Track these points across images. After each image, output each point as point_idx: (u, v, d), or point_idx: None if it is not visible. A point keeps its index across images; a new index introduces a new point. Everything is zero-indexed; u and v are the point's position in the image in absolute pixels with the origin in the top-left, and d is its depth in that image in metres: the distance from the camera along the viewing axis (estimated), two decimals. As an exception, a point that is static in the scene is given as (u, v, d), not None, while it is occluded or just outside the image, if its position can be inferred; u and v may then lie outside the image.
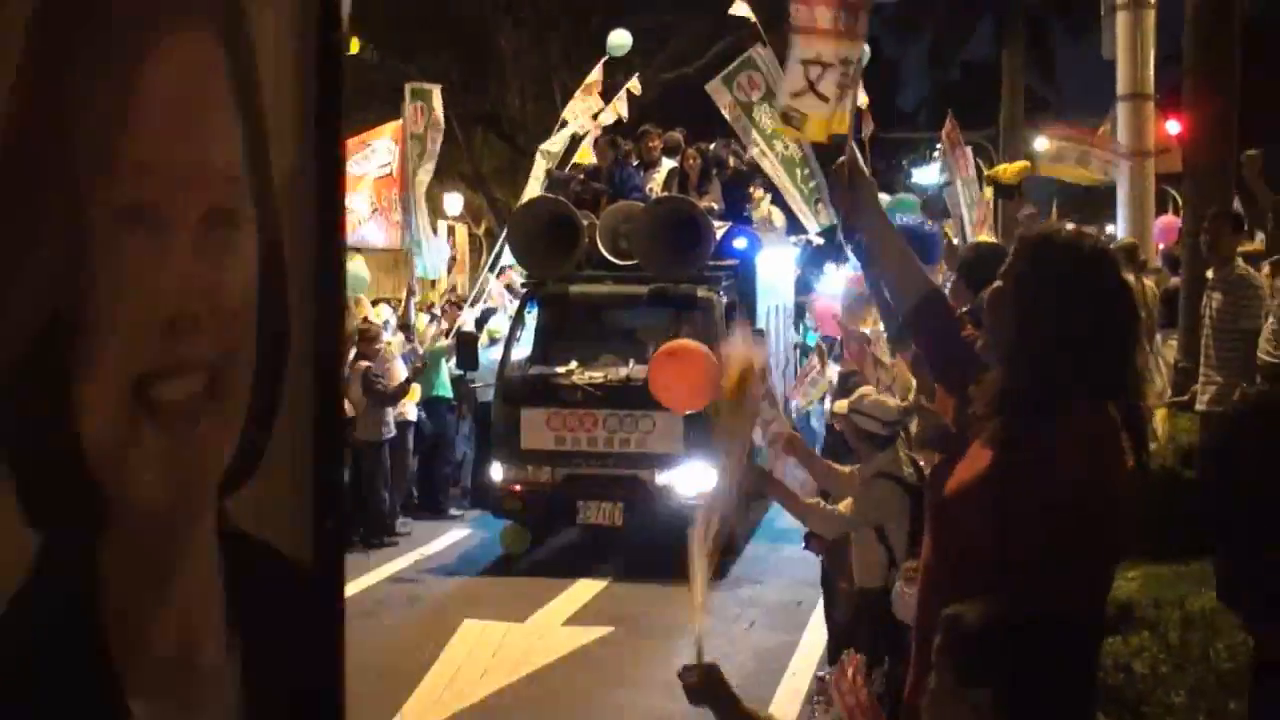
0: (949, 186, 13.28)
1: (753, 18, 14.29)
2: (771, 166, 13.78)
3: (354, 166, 14.20)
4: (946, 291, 5.34)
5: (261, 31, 1.31)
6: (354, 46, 20.49)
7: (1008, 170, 11.71)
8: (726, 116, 14.12)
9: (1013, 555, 2.62)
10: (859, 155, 3.77)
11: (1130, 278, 9.93)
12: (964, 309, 4.95)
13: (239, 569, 1.31)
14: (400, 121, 14.84)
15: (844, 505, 6.14)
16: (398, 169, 14.61)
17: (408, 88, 15.26)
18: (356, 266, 14.47)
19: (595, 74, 15.90)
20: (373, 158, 14.73)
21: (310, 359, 1.39)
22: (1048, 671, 2.57)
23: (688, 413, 9.23)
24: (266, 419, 1.34)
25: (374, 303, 16.41)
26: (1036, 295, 2.84)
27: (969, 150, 13.39)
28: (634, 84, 15.98)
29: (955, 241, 10.74)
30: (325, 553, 1.42)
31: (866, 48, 4.13)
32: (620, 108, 15.70)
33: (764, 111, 13.61)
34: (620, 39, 16.16)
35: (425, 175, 15.04)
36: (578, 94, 15.81)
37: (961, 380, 3.21)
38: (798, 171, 13.72)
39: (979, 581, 2.70)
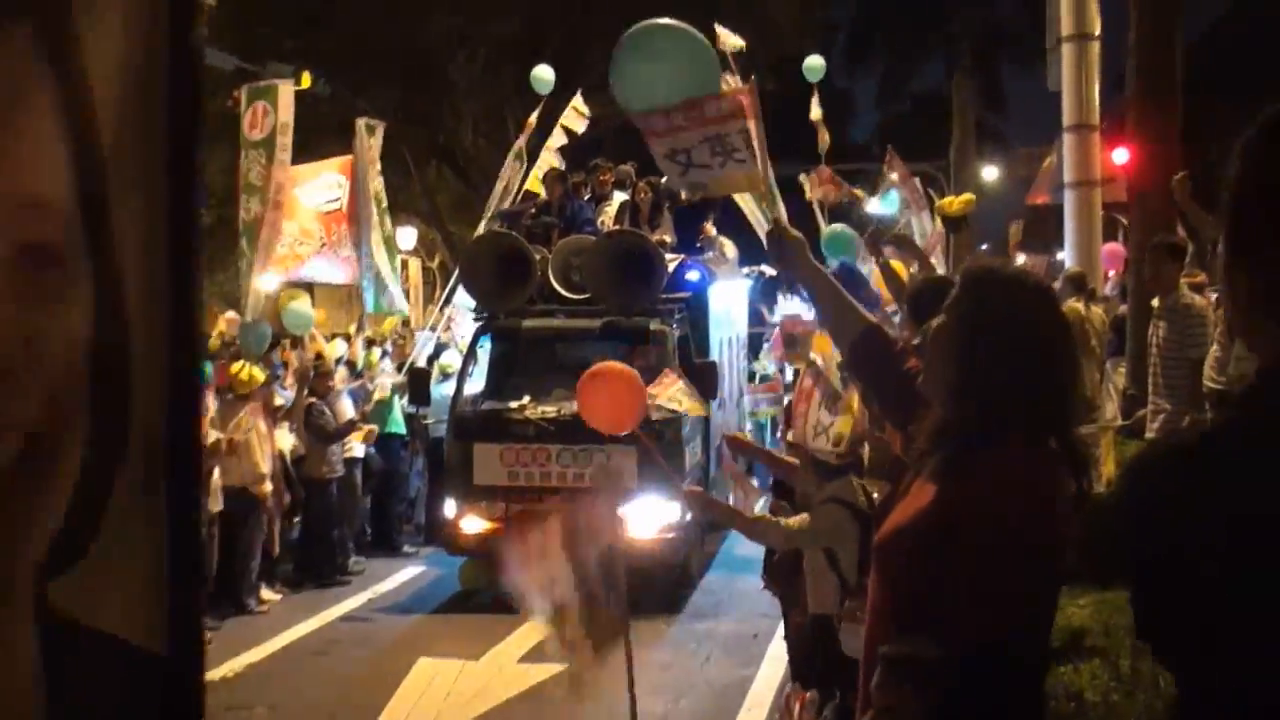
0: (910, 215, 13.38)
1: (741, 45, 14.42)
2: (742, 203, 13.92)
3: (303, 197, 14.12)
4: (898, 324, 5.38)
5: (96, 34, 1.13)
6: (305, 81, 20.39)
7: (953, 203, 11.77)
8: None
9: (951, 591, 2.61)
10: (784, 213, 3.93)
11: (1079, 306, 10.07)
12: (914, 342, 4.96)
13: (66, 662, 1.14)
14: (350, 156, 14.75)
15: (795, 520, 6.12)
16: (347, 204, 14.52)
17: (360, 123, 15.19)
18: (302, 305, 14.37)
19: (533, 118, 15.89)
20: (321, 191, 14.62)
21: (160, 422, 1.21)
22: (987, 707, 2.57)
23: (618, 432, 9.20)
24: (101, 492, 1.16)
25: (330, 338, 16.32)
26: (977, 331, 2.83)
27: (917, 180, 13.49)
28: (578, 102, 15.94)
29: (913, 271, 10.79)
30: (181, 638, 1.26)
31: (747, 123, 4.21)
32: (572, 124, 15.67)
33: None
34: (544, 73, 16.19)
35: (377, 208, 14.99)
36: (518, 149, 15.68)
37: (905, 416, 3.22)
38: (758, 200, 13.80)
39: (920, 618, 2.70)
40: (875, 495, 6.06)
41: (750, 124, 4.19)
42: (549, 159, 15.11)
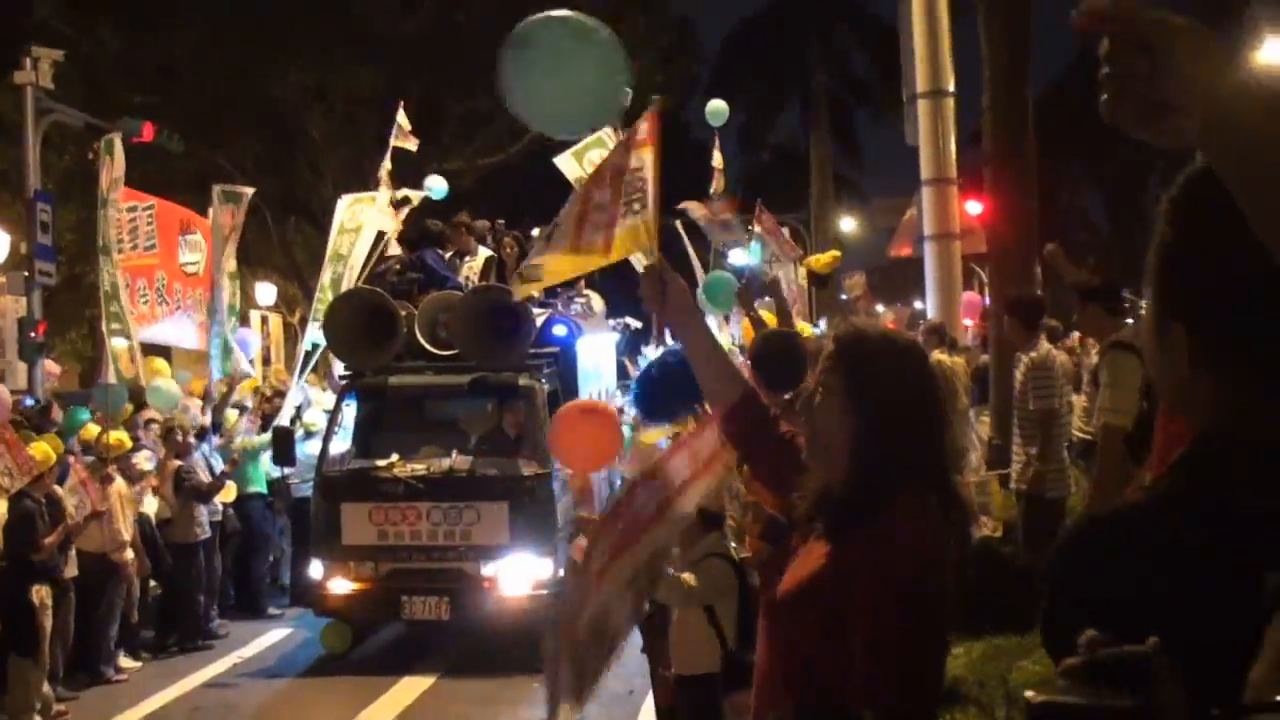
0: (779, 268, 13.56)
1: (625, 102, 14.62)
2: None
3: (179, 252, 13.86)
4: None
5: None
6: (146, 133, 20.01)
7: (820, 260, 12.03)
8: (575, 187, 14.43)
9: (847, 653, 2.61)
10: (661, 257, 3.74)
11: (943, 356, 10.26)
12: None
13: None
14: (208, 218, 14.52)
15: (688, 576, 6.04)
16: (204, 269, 14.27)
17: (217, 189, 14.92)
18: (167, 383, 14.08)
19: (384, 167, 15.72)
20: (186, 250, 14.35)
21: None
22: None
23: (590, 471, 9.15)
24: None
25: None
26: (857, 396, 2.86)
27: (786, 231, 13.70)
28: (402, 118, 15.79)
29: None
30: None
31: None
32: (403, 144, 15.56)
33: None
34: (438, 184, 16.14)
35: (229, 278, 14.78)
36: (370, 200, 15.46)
37: (784, 481, 3.20)
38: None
39: (813, 680, 2.70)
40: (740, 552, 6.06)
41: (649, 154, 4.09)
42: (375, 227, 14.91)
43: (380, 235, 14.47)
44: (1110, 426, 7.95)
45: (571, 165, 14.59)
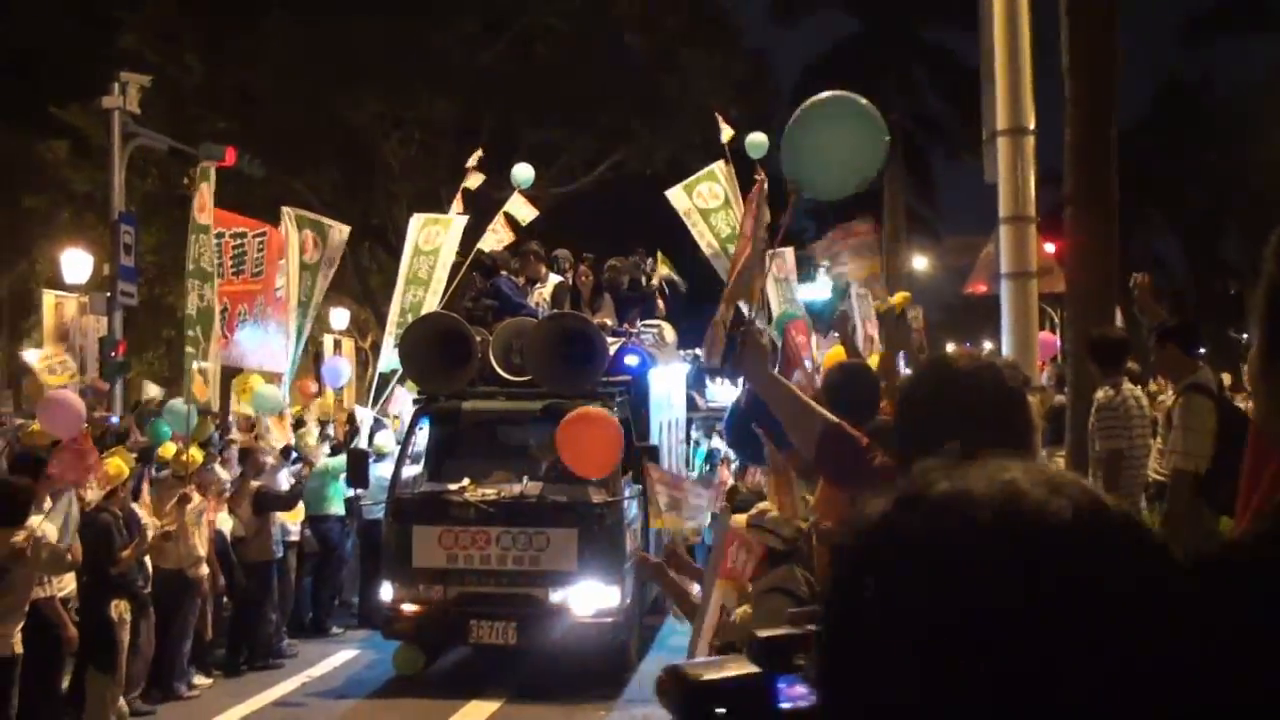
0: (849, 297, 13.53)
1: (731, 134, 14.87)
2: (724, 267, 14.14)
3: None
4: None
5: None
6: (229, 157, 20.35)
7: (894, 302, 11.95)
8: (684, 220, 14.88)
9: None
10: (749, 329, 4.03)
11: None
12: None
13: None
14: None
15: (740, 613, 6.06)
16: (285, 292, 14.43)
17: (288, 212, 15.07)
18: (269, 388, 14.29)
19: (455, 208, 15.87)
20: (279, 274, 14.48)
21: None
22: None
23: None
24: None
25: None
26: (933, 418, 2.81)
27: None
28: (515, 205, 15.91)
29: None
30: None
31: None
32: (517, 212, 15.70)
33: (720, 218, 14.60)
34: (525, 173, 16.31)
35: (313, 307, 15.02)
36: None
37: None
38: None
39: None
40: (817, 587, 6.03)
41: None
42: (493, 241, 15.07)
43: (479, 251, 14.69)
44: (1180, 470, 7.88)
45: (681, 198, 14.84)
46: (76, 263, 20.84)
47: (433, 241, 14.93)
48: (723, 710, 1.63)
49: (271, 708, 11.40)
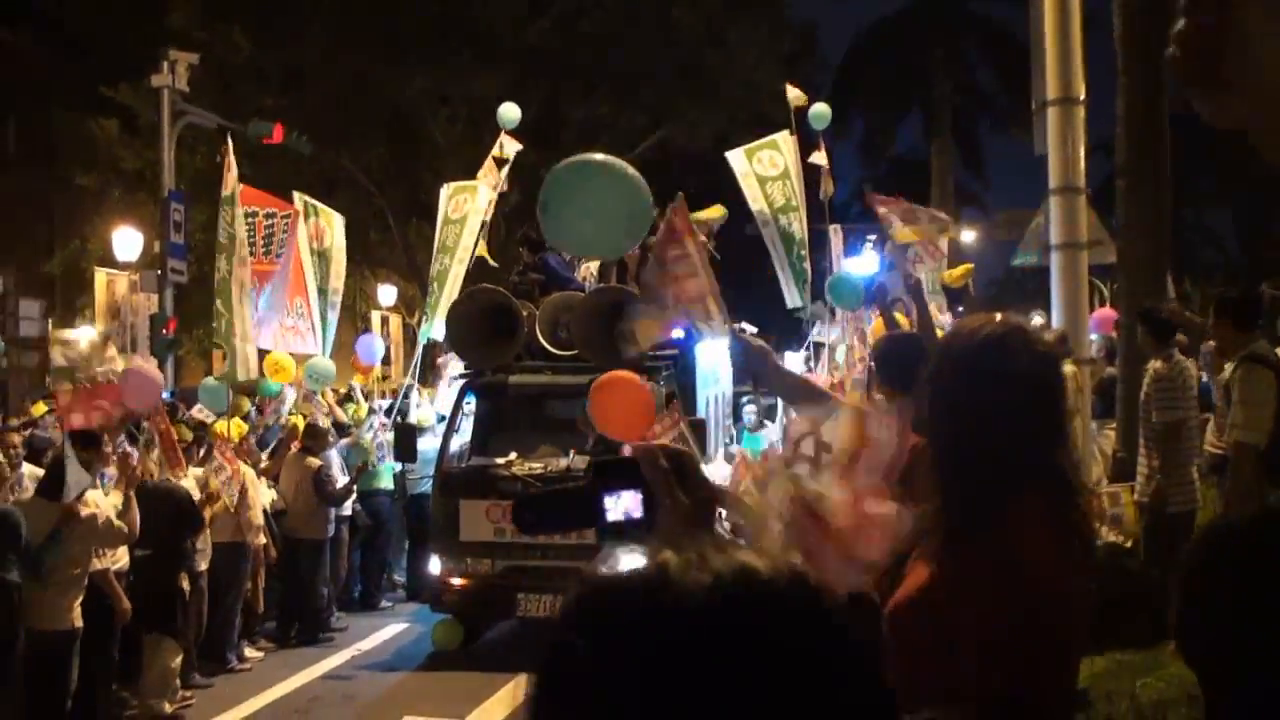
0: (916, 264, 13.46)
1: (803, 101, 14.73)
2: (771, 236, 14.07)
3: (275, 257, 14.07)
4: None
5: None
6: (277, 134, 20.43)
7: (953, 274, 11.88)
8: (740, 184, 14.62)
9: (978, 656, 2.52)
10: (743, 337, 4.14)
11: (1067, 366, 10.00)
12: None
13: None
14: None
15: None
16: (294, 267, 14.48)
17: (299, 198, 15.08)
18: (322, 361, 14.39)
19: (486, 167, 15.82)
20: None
21: None
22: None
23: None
24: None
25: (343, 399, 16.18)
26: (949, 391, 2.75)
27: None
28: (502, 149, 15.85)
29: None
30: None
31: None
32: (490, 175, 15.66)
33: (776, 187, 14.25)
34: (510, 112, 16.15)
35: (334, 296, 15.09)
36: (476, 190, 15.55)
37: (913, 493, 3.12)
38: (795, 249, 13.94)
39: (930, 688, 2.61)
40: None
41: (689, 242, 4.52)
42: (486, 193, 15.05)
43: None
44: (1242, 444, 7.77)
45: (741, 160, 14.73)
46: (127, 241, 21.02)
47: (461, 209, 14.96)
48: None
49: (322, 680, 11.49)
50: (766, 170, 14.66)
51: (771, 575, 1.08)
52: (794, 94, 14.71)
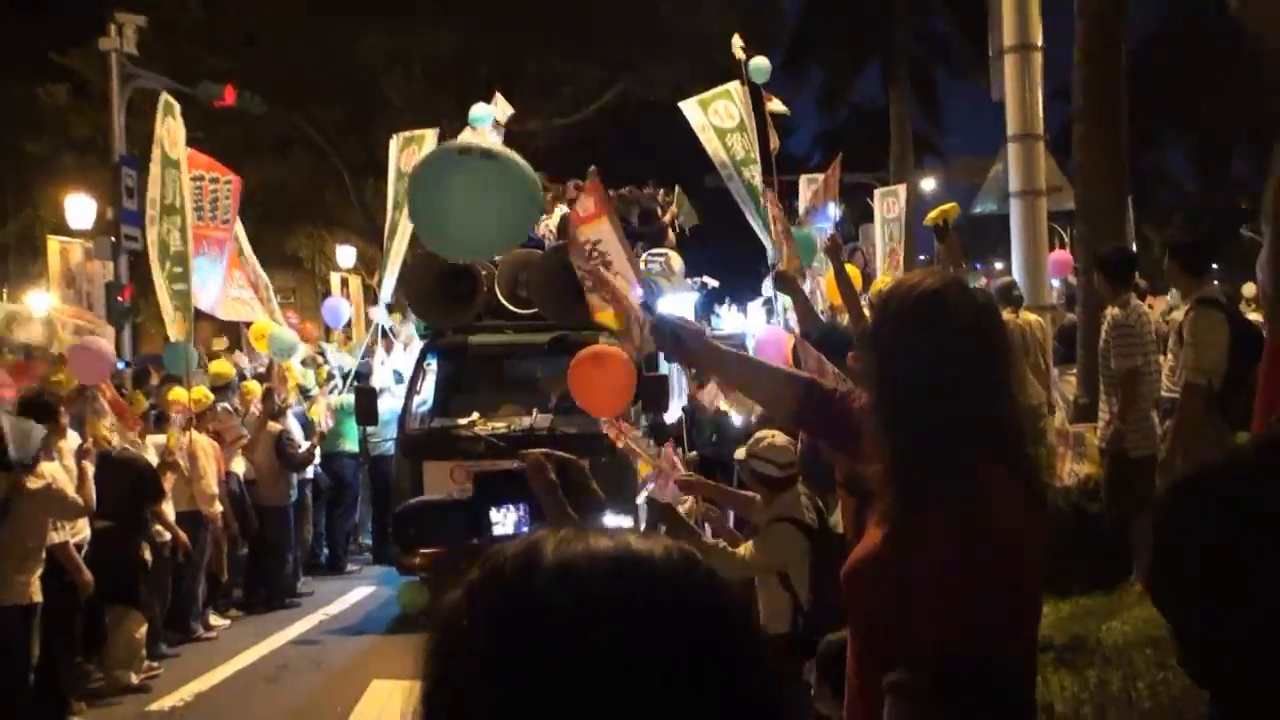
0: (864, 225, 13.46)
1: (742, 55, 14.53)
2: (738, 190, 13.99)
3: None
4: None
5: None
6: (229, 96, 20.18)
7: (936, 213, 11.85)
8: (698, 135, 14.38)
9: (938, 613, 2.50)
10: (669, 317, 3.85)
11: (1011, 315, 10.08)
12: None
13: None
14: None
15: (744, 548, 6.07)
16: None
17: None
18: (285, 331, 14.28)
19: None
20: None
21: None
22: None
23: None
24: None
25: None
26: (891, 349, 2.73)
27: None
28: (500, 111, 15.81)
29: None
30: None
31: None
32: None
33: (736, 139, 13.95)
34: (484, 111, 16.01)
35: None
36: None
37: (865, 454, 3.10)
38: (759, 202, 13.87)
39: (889, 648, 2.59)
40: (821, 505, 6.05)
41: (604, 222, 4.31)
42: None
43: None
44: (1191, 384, 7.80)
45: (696, 112, 14.57)
46: (80, 208, 20.72)
47: (410, 162, 14.85)
48: None
49: (290, 646, 11.46)
50: (724, 122, 14.52)
51: (648, 551, 1.11)
52: (738, 44, 14.54)
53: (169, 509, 10.97)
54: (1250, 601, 1.49)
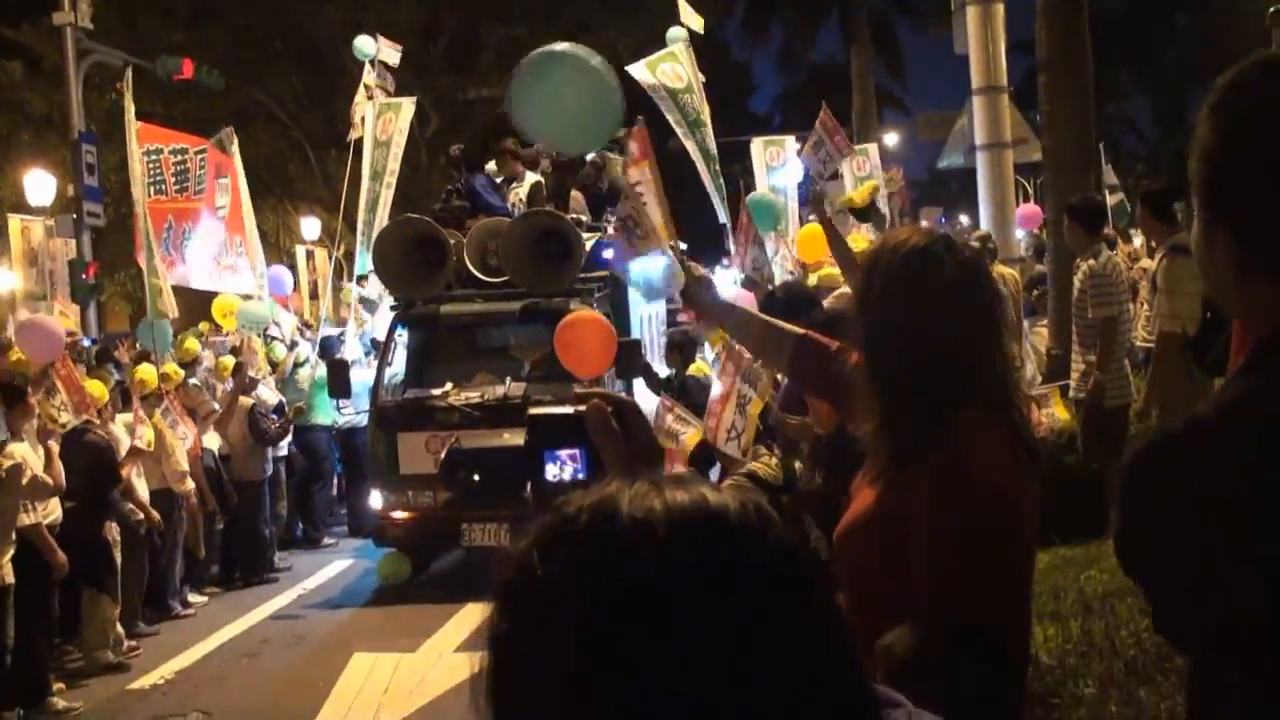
0: (830, 181, 13.38)
1: (699, 28, 14.34)
2: (693, 151, 13.89)
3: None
4: None
5: None
6: (187, 70, 19.98)
7: (859, 195, 11.78)
8: (651, 95, 14.24)
9: (930, 571, 2.49)
10: (686, 263, 4.00)
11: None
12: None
13: None
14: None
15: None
16: (230, 212, 14.24)
17: (228, 133, 14.75)
18: (256, 306, 14.19)
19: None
20: (218, 192, 14.30)
21: None
22: (991, 682, 2.51)
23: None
24: None
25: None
26: (880, 309, 2.70)
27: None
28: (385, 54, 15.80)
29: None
30: None
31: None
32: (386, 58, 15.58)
33: (688, 100, 13.75)
34: (367, 46, 15.94)
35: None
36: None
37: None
38: (712, 164, 13.77)
39: (884, 609, 2.58)
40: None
41: (646, 167, 4.39)
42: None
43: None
44: (1167, 333, 7.84)
45: (645, 74, 14.41)
46: (40, 185, 20.48)
47: (387, 130, 14.78)
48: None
49: (269, 621, 11.43)
50: (673, 83, 14.36)
51: (723, 506, 1.10)
52: (689, 16, 14.42)
53: (142, 487, 10.90)
54: (1212, 567, 1.52)
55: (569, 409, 1.71)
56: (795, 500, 5.79)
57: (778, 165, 16.41)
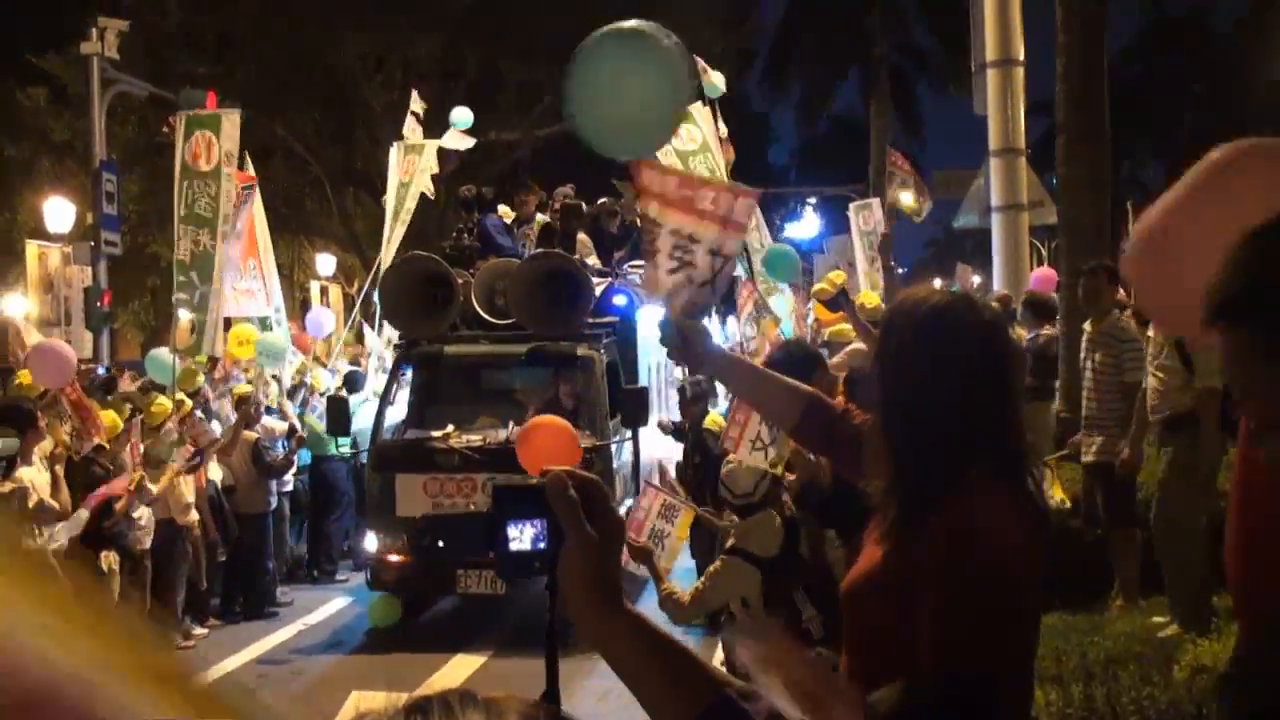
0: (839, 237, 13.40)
1: (721, 90, 14.43)
2: None
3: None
4: None
5: None
6: (210, 103, 20.08)
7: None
8: (661, 159, 14.27)
9: (936, 632, 2.46)
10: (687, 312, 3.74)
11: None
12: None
13: None
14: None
15: (699, 583, 6.10)
16: (248, 233, 14.25)
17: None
18: (273, 338, 14.18)
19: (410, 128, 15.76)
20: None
21: None
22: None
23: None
24: None
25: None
26: (897, 366, 2.70)
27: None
28: (416, 103, 15.89)
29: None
30: None
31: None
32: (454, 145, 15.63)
33: (699, 161, 13.93)
34: (462, 115, 16.05)
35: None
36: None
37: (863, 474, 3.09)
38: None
39: (887, 668, 2.55)
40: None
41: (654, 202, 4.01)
42: (423, 182, 14.98)
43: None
44: (1211, 389, 7.66)
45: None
46: (59, 212, 20.61)
47: (410, 171, 14.82)
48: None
49: (269, 656, 11.32)
50: (685, 145, 14.36)
51: None
52: (707, 72, 14.48)
53: (148, 515, 10.86)
54: None
55: (533, 480, 1.73)
56: (787, 576, 5.82)
57: (868, 230, 16.62)
